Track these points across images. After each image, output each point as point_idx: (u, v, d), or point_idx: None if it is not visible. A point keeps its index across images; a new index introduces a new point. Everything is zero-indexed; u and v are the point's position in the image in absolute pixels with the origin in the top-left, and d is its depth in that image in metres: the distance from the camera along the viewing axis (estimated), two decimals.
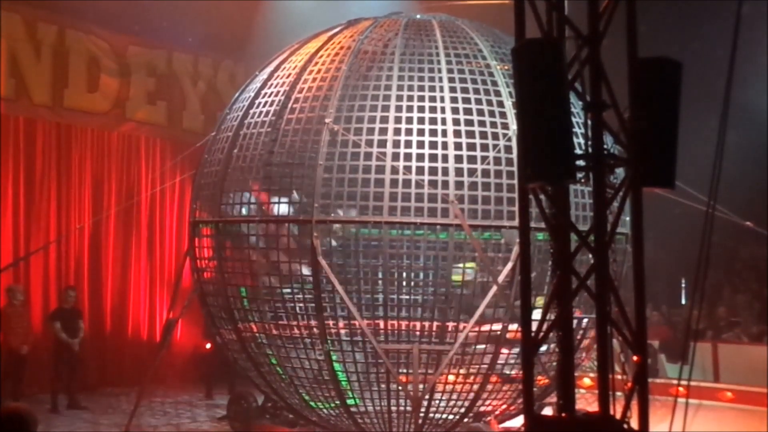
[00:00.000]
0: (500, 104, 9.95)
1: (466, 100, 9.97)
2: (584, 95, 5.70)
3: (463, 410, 10.23)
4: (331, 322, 10.29)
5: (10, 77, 14.17)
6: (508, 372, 9.98)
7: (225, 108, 11.87)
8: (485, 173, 9.76)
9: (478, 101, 9.96)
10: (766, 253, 16.01)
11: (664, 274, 16.73)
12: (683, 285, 17.81)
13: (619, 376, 5.80)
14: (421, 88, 10.05)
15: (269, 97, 10.61)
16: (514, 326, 9.55)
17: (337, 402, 10.30)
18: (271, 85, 10.74)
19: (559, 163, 5.30)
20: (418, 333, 10.32)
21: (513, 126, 9.58)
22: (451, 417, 10.32)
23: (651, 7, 12.00)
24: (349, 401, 10.31)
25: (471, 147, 9.83)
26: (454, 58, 10.31)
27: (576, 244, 5.69)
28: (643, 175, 5.61)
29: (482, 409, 10.30)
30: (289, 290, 10.38)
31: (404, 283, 11.00)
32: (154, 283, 15.97)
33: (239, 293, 10.64)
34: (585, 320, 9.93)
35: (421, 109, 9.93)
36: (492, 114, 9.91)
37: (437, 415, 10.32)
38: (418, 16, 11.23)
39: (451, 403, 10.21)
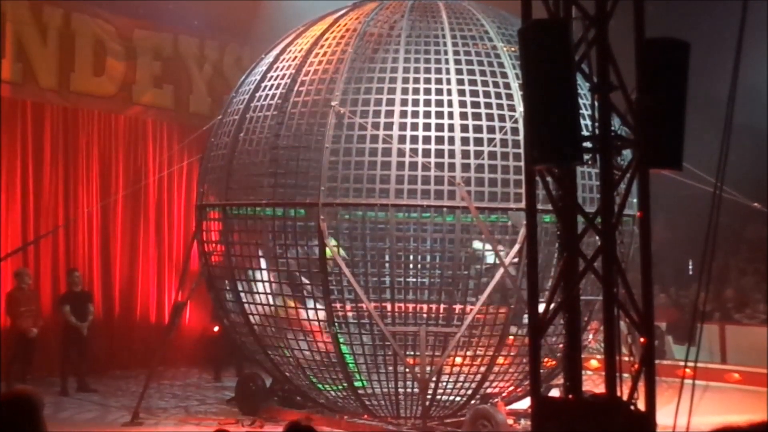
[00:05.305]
0: (507, 86, 9.92)
1: (473, 82, 9.94)
2: (591, 76, 5.68)
3: (470, 392, 10.26)
4: (338, 305, 10.31)
5: (16, 61, 14.14)
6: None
7: (231, 91, 11.87)
8: (492, 155, 9.75)
9: (485, 83, 9.94)
10: None
11: (671, 255, 16.68)
12: (690, 267, 17.76)
13: (626, 358, 5.80)
14: (427, 71, 10.03)
15: (275, 80, 10.60)
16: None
17: (345, 384, 10.34)
18: (277, 68, 10.73)
19: (565, 145, 5.29)
20: (425, 315, 10.34)
21: (520, 108, 9.55)
22: (458, 399, 10.36)
23: None
24: (357, 383, 10.35)
25: (478, 129, 9.82)
26: (461, 39, 10.27)
27: (583, 226, 5.68)
28: (650, 156, 5.60)
29: (489, 391, 10.34)
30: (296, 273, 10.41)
31: (411, 266, 11.00)
32: (162, 266, 15.98)
33: (246, 276, 10.67)
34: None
35: (427, 92, 9.90)
36: (498, 96, 9.88)
37: (444, 397, 10.36)
38: None
39: (458, 385, 10.24)
